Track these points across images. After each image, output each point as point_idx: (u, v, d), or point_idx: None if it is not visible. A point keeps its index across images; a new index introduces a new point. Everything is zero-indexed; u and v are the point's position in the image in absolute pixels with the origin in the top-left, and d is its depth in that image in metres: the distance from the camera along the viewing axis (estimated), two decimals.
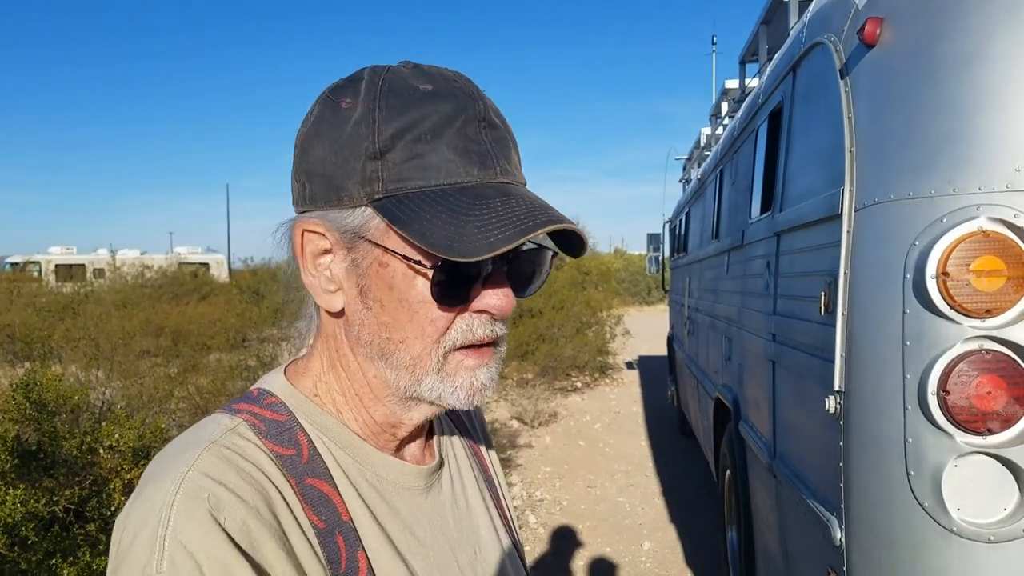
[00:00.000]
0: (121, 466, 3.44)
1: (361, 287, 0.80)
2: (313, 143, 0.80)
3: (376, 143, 0.76)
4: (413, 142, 0.76)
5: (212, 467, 0.73)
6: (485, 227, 0.73)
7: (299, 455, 0.80)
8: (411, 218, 0.74)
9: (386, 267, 0.78)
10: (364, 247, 0.79)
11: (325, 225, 0.80)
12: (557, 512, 6.39)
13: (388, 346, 0.80)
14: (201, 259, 32.95)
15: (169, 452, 0.77)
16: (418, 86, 0.78)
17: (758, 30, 5.49)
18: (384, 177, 0.76)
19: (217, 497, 0.70)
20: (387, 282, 0.79)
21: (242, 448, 0.77)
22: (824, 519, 2.31)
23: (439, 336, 0.79)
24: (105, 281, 24.08)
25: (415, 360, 0.80)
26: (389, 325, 0.79)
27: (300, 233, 0.81)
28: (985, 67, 1.93)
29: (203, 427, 0.80)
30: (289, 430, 0.81)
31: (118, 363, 8.06)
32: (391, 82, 0.78)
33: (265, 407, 0.83)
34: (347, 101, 0.79)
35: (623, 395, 11.97)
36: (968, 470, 1.92)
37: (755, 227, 3.64)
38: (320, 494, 0.79)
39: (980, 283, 1.87)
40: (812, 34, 2.68)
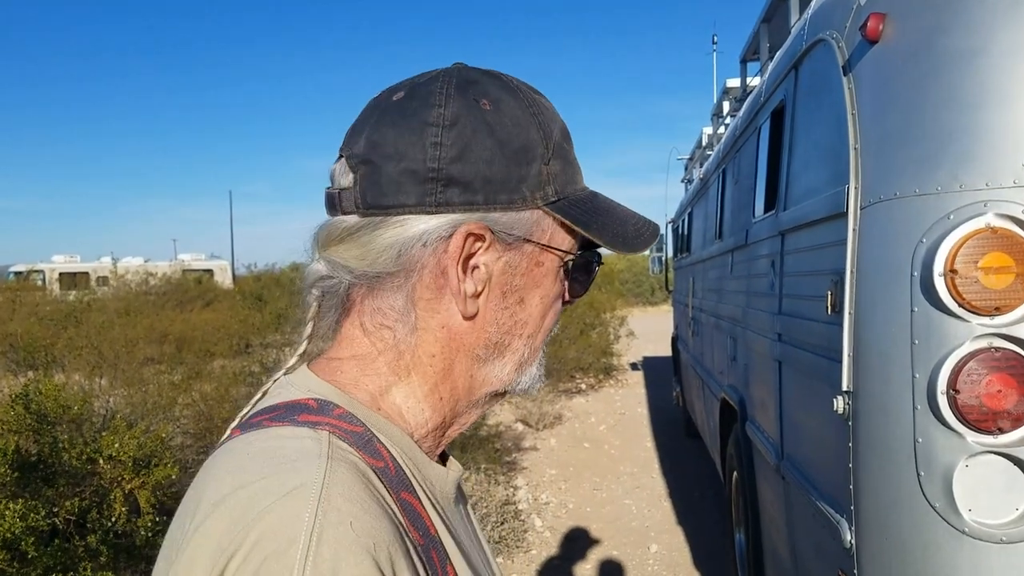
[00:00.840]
0: (122, 476, 3.42)
1: (506, 288, 0.81)
2: (472, 145, 0.76)
3: (549, 149, 0.81)
4: (562, 149, 0.83)
5: (346, 486, 0.65)
6: (639, 227, 0.87)
7: (387, 467, 0.73)
8: (589, 220, 0.83)
9: (541, 266, 0.82)
10: (523, 248, 0.81)
11: (488, 227, 0.78)
12: (563, 515, 6.36)
13: (515, 343, 0.83)
14: (205, 265, 33.04)
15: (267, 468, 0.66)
16: (541, 98, 0.84)
17: (759, 28, 5.47)
18: (552, 180, 0.81)
19: (361, 522, 0.63)
20: (536, 280, 0.83)
21: (355, 463, 0.69)
22: (834, 521, 2.28)
23: (551, 328, 0.87)
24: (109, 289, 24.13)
25: (533, 352, 0.85)
26: (524, 322, 0.83)
27: (463, 236, 0.77)
28: (989, 61, 1.90)
29: (285, 439, 0.70)
30: (370, 441, 0.74)
31: (122, 371, 8.07)
32: (524, 90, 0.83)
33: (338, 418, 0.74)
34: (486, 103, 0.78)
35: (628, 396, 11.94)
36: (979, 470, 1.89)
37: (759, 226, 3.62)
38: (412, 509, 0.73)
39: (989, 280, 1.84)
40: (814, 31, 2.66)
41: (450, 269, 0.77)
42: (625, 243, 0.84)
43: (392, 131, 0.77)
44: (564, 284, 0.85)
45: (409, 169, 0.76)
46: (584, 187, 0.87)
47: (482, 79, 0.81)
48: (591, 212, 0.84)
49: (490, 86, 0.80)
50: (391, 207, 0.76)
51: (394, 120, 0.78)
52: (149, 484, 3.61)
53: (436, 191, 0.76)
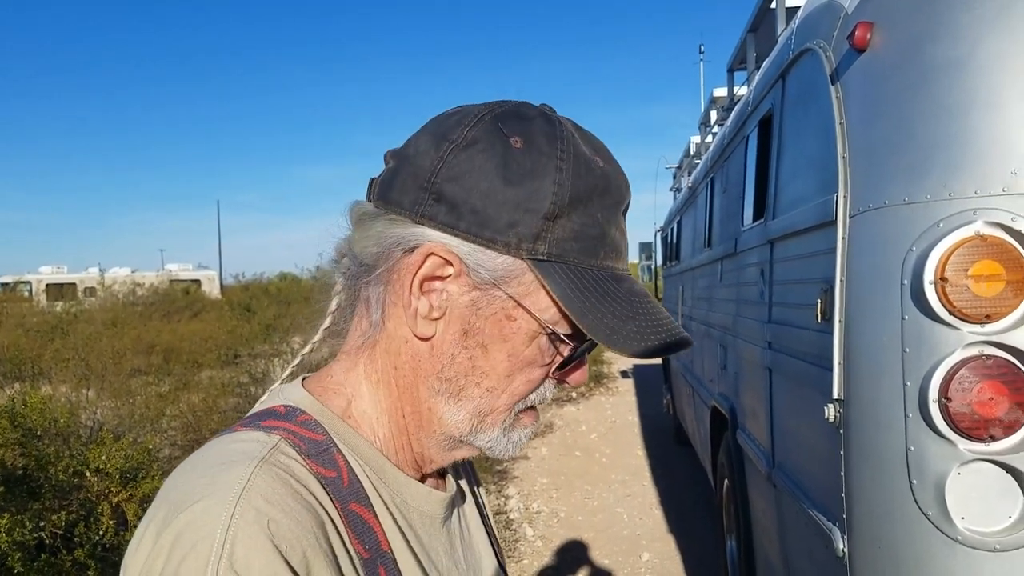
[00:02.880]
0: (109, 489, 3.39)
1: (469, 327, 0.77)
2: (473, 172, 0.75)
3: (556, 204, 0.75)
4: (586, 215, 0.76)
5: (268, 489, 0.67)
6: (644, 328, 0.76)
7: (340, 478, 0.75)
8: (572, 292, 0.75)
9: (512, 321, 0.77)
10: (494, 293, 0.76)
11: (458, 258, 0.76)
12: (555, 524, 6.34)
13: (472, 390, 0.79)
14: (192, 276, 32.91)
15: (208, 468, 0.70)
16: (595, 158, 0.78)
17: (745, 38, 5.49)
18: (550, 239, 0.75)
19: (278, 523, 0.65)
20: (504, 334, 0.77)
21: (291, 468, 0.71)
22: (826, 529, 2.27)
23: (525, 396, 0.81)
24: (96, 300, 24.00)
25: (492, 411, 0.80)
26: (484, 372, 0.78)
27: (425, 254, 0.76)
28: (977, 69, 1.91)
29: (235, 442, 0.73)
30: (327, 450, 0.76)
31: (109, 382, 8.03)
32: (575, 146, 0.77)
33: (300, 425, 0.77)
34: (518, 141, 0.76)
35: (618, 404, 11.94)
36: (972, 478, 1.89)
37: (748, 235, 3.62)
38: (362, 521, 0.74)
39: (979, 288, 1.84)
40: (801, 40, 2.67)
41: (405, 280, 0.77)
42: (611, 337, 0.74)
43: (424, 138, 0.79)
44: (545, 356, 0.79)
45: (415, 173, 0.77)
46: (610, 266, 0.79)
47: (535, 120, 0.77)
48: (585, 288, 0.75)
49: (535, 127, 0.77)
50: (390, 203, 0.78)
51: (431, 129, 0.79)
52: (136, 497, 3.58)
53: (425, 201, 0.76)
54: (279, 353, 9.21)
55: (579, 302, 0.74)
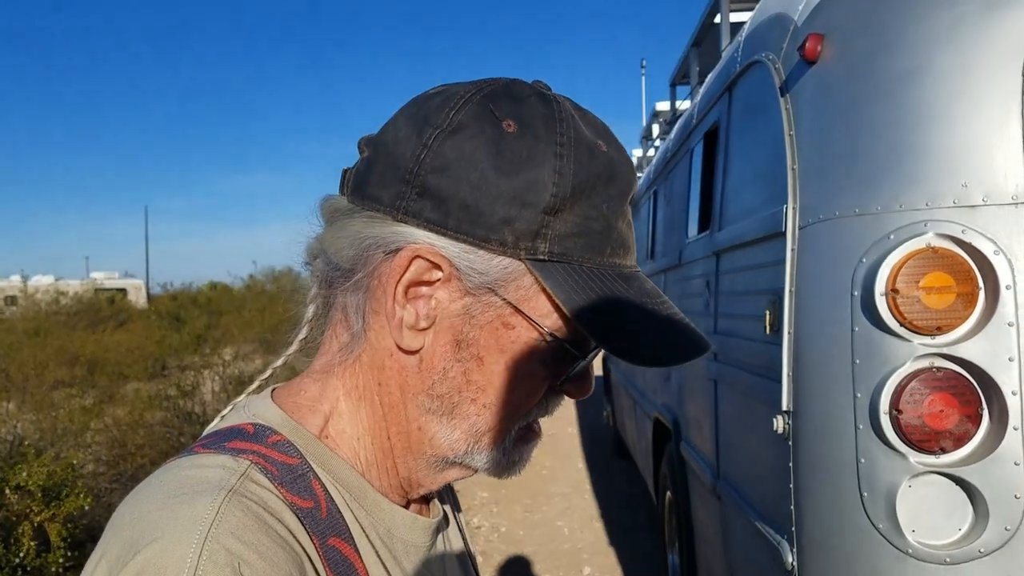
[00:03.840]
0: (31, 508, 3.20)
1: (461, 338, 0.69)
2: (462, 160, 0.67)
3: (557, 196, 0.66)
4: (590, 207, 0.68)
5: (239, 525, 0.59)
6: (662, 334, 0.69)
7: (318, 508, 0.66)
8: (578, 298, 0.66)
9: (510, 329, 0.69)
10: (489, 300, 0.68)
11: (448, 260, 0.68)
12: (495, 539, 6.27)
13: (467, 407, 0.70)
14: (118, 284, 32.04)
15: (168, 499, 0.61)
16: (598, 142, 0.70)
17: (688, 52, 5.56)
18: (551, 235, 0.67)
19: (252, 567, 0.56)
20: (501, 344, 0.69)
21: (265, 500, 0.62)
22: (774, 542, 2.26)
23: (525, 412, 0.73)
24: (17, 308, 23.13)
25: (490, 429, 0.72)
26: (480, 386, 0.70)
27: (410, 258, 0.67)
28: (928, 82, 1.92)
29: (197, 468, 0.64)
30: (303, 476, 0.67)
31: (30, 394, 7.72)
32: (575, 129, 0.69)
33: (271, 447, 0.68)
34: (511, 124, 0.68)
35: (558, 417, 11.60)
36: (922, 490, 1.89)
37: (693, 246, 3.63)
38: (343, 558, 0.66)
39: (930, 300, 1.85)
40: (749, 53, 2.67)
41: (388, 286, 0.69)
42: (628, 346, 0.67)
43: (403, 123, 0.70)
44: (548, 367, 0.71)
45: (394, 164, 0.69)
46: (618, 263, 0.71)
47: (530, 100, 0.69)
48: (593, 291, 0.67)
49: (531, 108, 0.69)
50: (367, 198, 0.70)
51: (411, 112, 0.71)
52: (60, 516, 3.40)
53: (408, 196, 0.68)
54: (209, 365, 8.96)
55: (588, 307, 0.66)
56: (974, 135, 1.87)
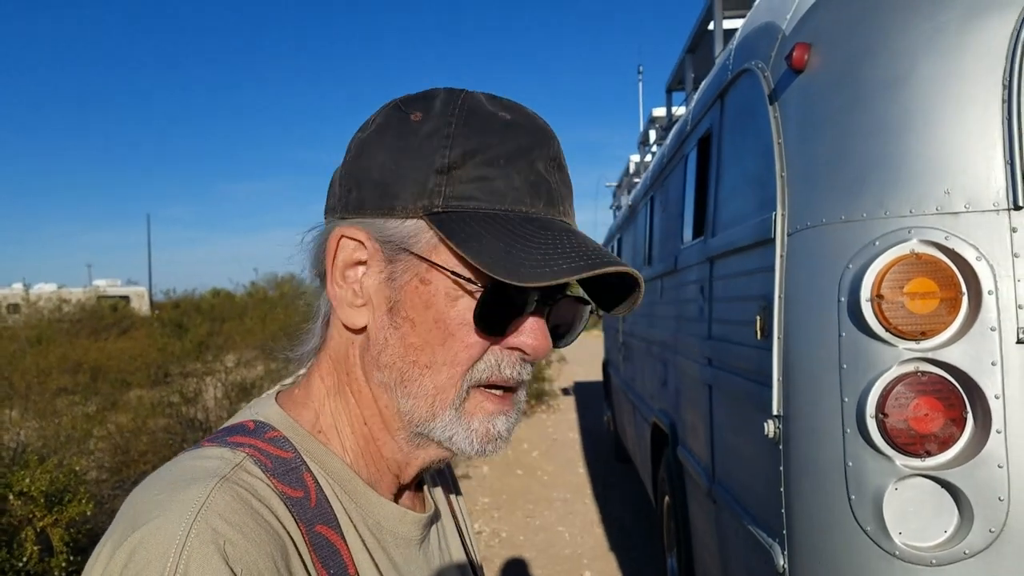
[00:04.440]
0: (33, 513, 3.23)
1: (392, 303, 0.75)
2: (372, 149, 0.76)
3: (447, 157, 0.73)
4: (484, 164, 0.73)
5: (227, 508, 0.64)
6: (551, 256, 0.70)
7: (307, 498, 0.72)
8: (469, 236, 0.70)
9: (428, 284, 0.74)
10: (406, 261, 0.74)
11: (368, 233, 0.75)
12: (496, 544, 6.29)
13: (411, 371, 0.75)
14: (121, 292, 32.09)
15: (168, 485, 0.67)
16: (497, 112, 0.76)
17: (683, 59, 5.57)
18: (446, 192, 0.73)
19: (235, 545, 0.62)
20: (425, 300, 0.74)
21: (254, 487, 0.68)
22: (766, 544, 2.28)
23: (468, 366, 0.75)
24: (20, 316, 23.17)
25: (437, 390, 0.75)
26: (417, 347, 0.74)
27: (337, 239, 0.76)
28: (912, 90, 1.95)
29: (198, 459, 0.71)
30: (295, 469, 0.73)
31: (33, 402, 7.74)
32: (471, 104, 0.76)
33: (267, 442, 0.74)
34: (417, 115, 0.76)
35: (560, 422, 11.94)
36: (908, 493, 1.91)
37: (687, 252, 3.66)
38: (329, 544, 0.71)
39: (914, 305, 1.87)
40: (739, 61, 2.71)
41: (327, 272, 0.77)
42: (511, 271, 0.68)
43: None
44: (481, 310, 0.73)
45: (338, 175, 0.79)
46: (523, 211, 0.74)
47: (437, 94, 0.77)
48: (485, 232, 0.71)
49: (436, 100, 0.77)
50: (327, 211, 0.80)
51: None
52: (62, 521, 3.43)
53: (342, 195, 0.78)
54: (212, 371, 8.99)
55: (475, 244, 0.70)
56: (956, 142, 1.90)
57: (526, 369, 0.78)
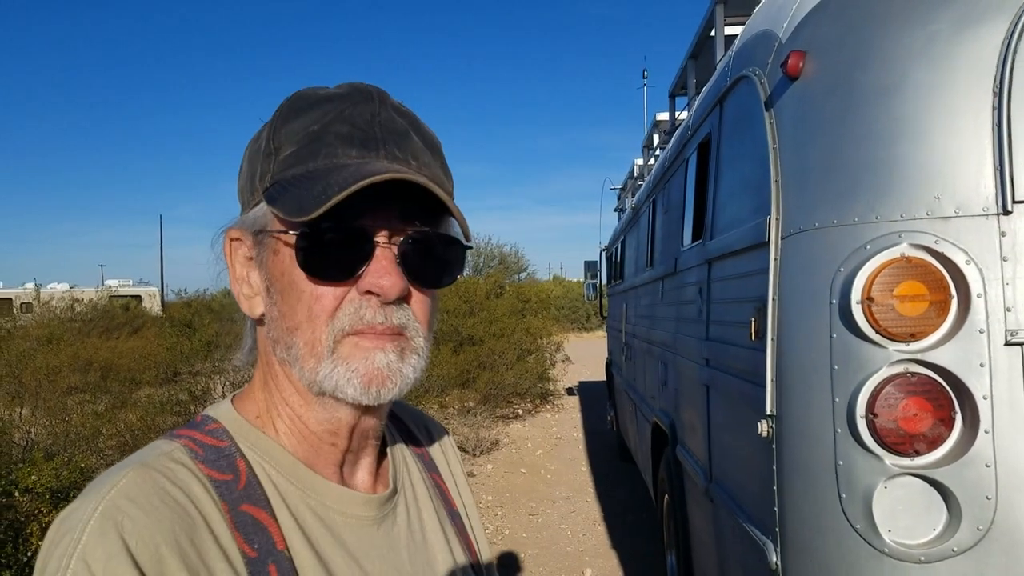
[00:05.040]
0: (39, 509, 3.29)
1: (267, 282, 0.83)
2: (242, 162, 0.87)
3: (271, 142, 0.82)
4: (302, 136, 0.80)
5: (133, 488, 0.71)
6: (329, 187, 0.74)
7: (236, 480, 0.78)
8: (280, 195, 0.78)
9: (277, 254, 0.81)
10: (265, 241, 0.82)
11: (241, 230, 0.84)
12: (499, 541, 6.33)
13: (288, 337, 0.80)
14: (133, 291, 32.17)
15: (102, 475, 0.76)
16: (321, 92, 0.84)
17: (686, 64, 5.61)
18: (274, 169, 0.81)
19: (132, 519, 0.69)
20: (280, 268, 0.81)
21: (172, 471, 0.75)
22: (760, 542, 2.32)
23: (327, 318, 0.78)
24: (32, 315, 23.29)
25: (308, 345, 0.79)
26: (286, 314, 0.81)
27: (228, 242, 0.86)
28: (904, 98, 1.99)
29: (142, 451, 0.79)
30: (228, 456, 0.80)
31: (44, 400, 7.80)
32: (300, 93, 0.85)
33: (205, 433, 0.82)
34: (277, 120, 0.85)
35: (564, 421, 11.97)
36: (898, 491, 1.95)
37: (687, 255, 3.69)
38: (255, 521, 0.76)
39: (904, 308, 1.91)
40: (737, 68, 2.75)
41: (230, 274, 0.86)
42: (301, 207, 0.74)
43: None
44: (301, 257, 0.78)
45: None
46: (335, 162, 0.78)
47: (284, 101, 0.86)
48: (291, 186, 0.78)
49: (280, 105, 0.85)
50: None
51: None
52: None
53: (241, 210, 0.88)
54: (220, 370, 9.05)
55: (280, 199, 0.78)
56: (947, 149, 1.94)
57: (396, 313, 0.79)
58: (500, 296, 16.31)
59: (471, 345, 12.89)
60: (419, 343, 0.82)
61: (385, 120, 0.82)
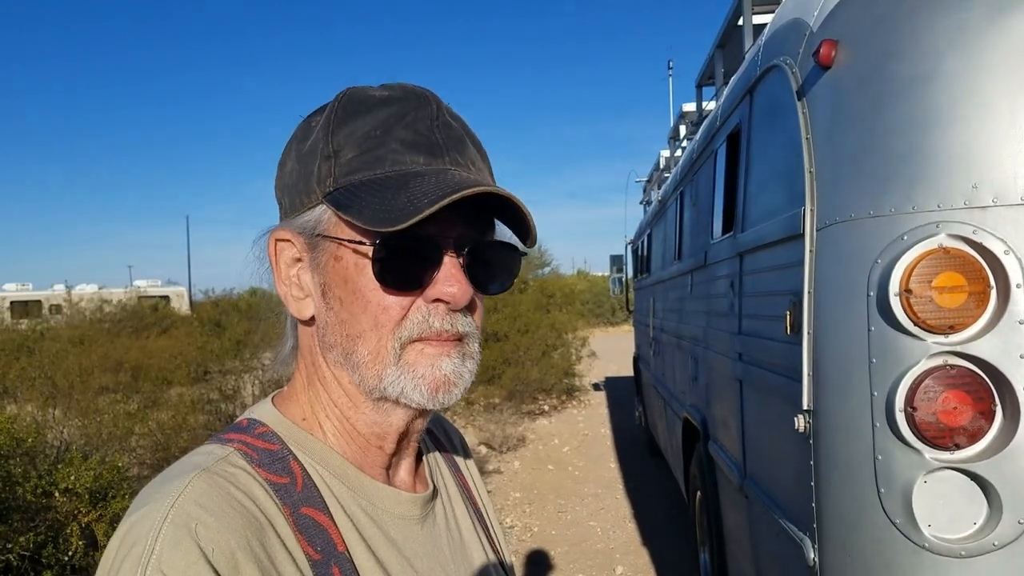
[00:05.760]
0: (78, 509, 3.34)
1: (323, 287, 0.82)
2: (285, 159, 0.86)
3: (330, 144, 0.81)
4: (364, 139, 0.80)
5: (202, 495, 0.70)
6: (415, 197, 0.75)
7: (293, 483, 0.78)
8: (352, 202, 0.77)
9: (340, 260, 0.80)
10: (322, 245, 0.81)
11: (292, 231, 0.83)
12: (528, 539, 6.33)
13: (348, 344, 0.80)
14: (161, 292, 32.54)
15: (158, 480, 0.75)
16: (375, 94, 0.83)
17: (714, 54, 5.57)
18: (336, 173, 0.80)
19: (206, 526, 0.68)
20: (342, 275, 0.80)
21: (234, 476, 0.74)
22: (796, 538, 2.30)
23: (394, 326, 0.79)
24: (62, 317, 23.63)
25: (373, 354, 0.79)
26: (347, 321, 0.80)
27: (273, 243, 0.85)
28: (939, 85, 1.96)
29: (194, 455, 0.78)
30: (282, 459, 0.80)
31: (76, 401, 7.90)
32: (351, 94, 0.84)
33: (256, 436, 0.81)
34: (316, 119, 0.84)
35: (591, 417, 11.95)
36: (937, 486, 1.92)
37: (717, 247, 3.67)
38: (315, 524, 0.77)
39: (942, 299, 1.88)
40: (768, 57, 2.72)
41: (275, 276, 0.85)
42: (383, 220, 0.74)
43: None
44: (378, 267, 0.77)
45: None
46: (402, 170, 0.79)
47: (335, 100, 0.85)
48: (363, 194, 0.77)
49: (331, 104, 0.84)
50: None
51: None
52: (107, 517, 3.53)
53: (279, 206, 0.87)
54: (249, 369, 9.12)
55: (356, 207, 0.77)
56: (983, 137, 1.91)
57: (460, 320, 0.81)
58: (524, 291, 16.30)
59: (496, 341, 12.91)
60: (475, 348, 0.84)
61: (443, 125, 0.83)
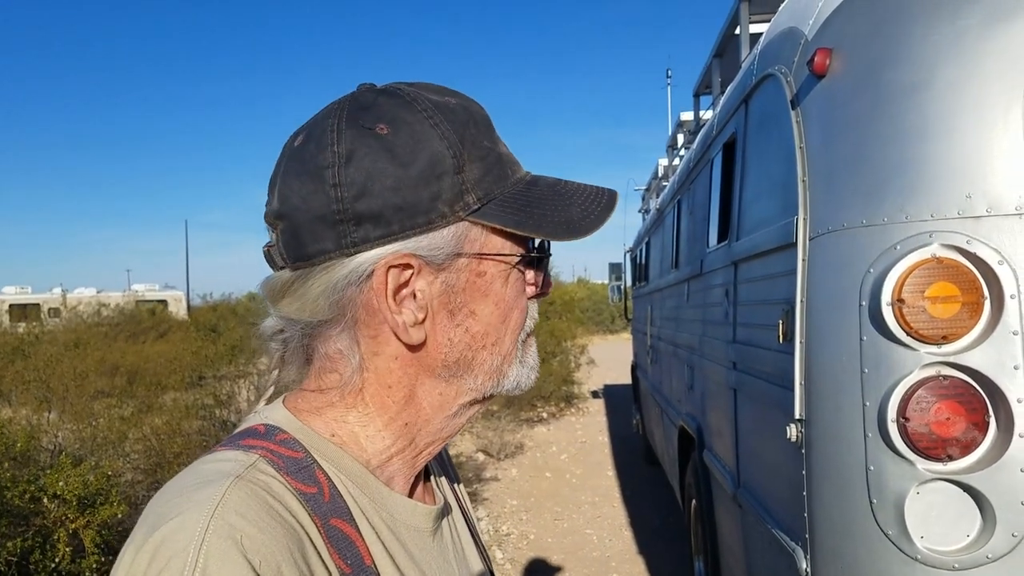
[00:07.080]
0: (66, 515, 3.31)
1: (452, 308, 0.79)
2: (373, 176, 0.74)
3: (456, 156, 0.76)
4: (478, 149, 0.78)
5: (241, 504, 0.66)
6: (586, 208, 0.82)
7: (321, 493, 0.74)
8: (523, 217, 0.78)
9: (483, 275, 0.80)
10: (459, 264, 0.78)
11: (412, 253, 0.76)
12: (524, 546, 6.31)
13: (480, 355, 0.81)
14: (159, 296, 32.55)
15: (184, 487, 0.69)
16: (446, 99, 0.80)
17: (711, 63, 5.57)
18: (471, 188, 0.77)
19: (251, 538, 0.64)
20: (483, 290, 0.80)
21: (268, 485, 0.70)
22: (789, 548, 2.29)
23: (522, 327, 0.84)
24: (60, 320, 23.64)
25: (503, 356, 0.83)
26: (482, 334, 0.81)
27: (385, 271, 0.75)
28: (933, 95, 1.95)
29: (213, 462, 0.73)
30: (307, 468, 0.75)
31: (71, 405, 7.89)
32: (427, 100, 0.78)
33: (279, 443, 0.76)
34: (383, 127, 0.75)
35: (589, 424, 11.93)
36: (930, 497, 1.91)
37: (713, 256, 3.66)
38: (344, 536, 0.74)
39: (935, 309, 1.87)
40: (763, 66, 2.71)
41: (380, 304, 0.76)
42: (571, 230, 0.80)
43: (296, 181, 0.76)
44: (524, 281, 0.83)
45: (318, 216, 0.75)
46: (520, 177, 0.83)
47: (378, 100, 0.77)
48: (524, 207, 0.79)
49: (386, 106, 0.77)
50: (314, 256, 0.76)
51: (296, 169, 0.77)
52: (95, 523, 3.51)
53: (349, 232, 0.75)
54: (245, 374, 9.11)
55: (527, 222, 0.78)
56: (977, 146, 1.90)
57: None
58: None
59: None
60: None
61: None
